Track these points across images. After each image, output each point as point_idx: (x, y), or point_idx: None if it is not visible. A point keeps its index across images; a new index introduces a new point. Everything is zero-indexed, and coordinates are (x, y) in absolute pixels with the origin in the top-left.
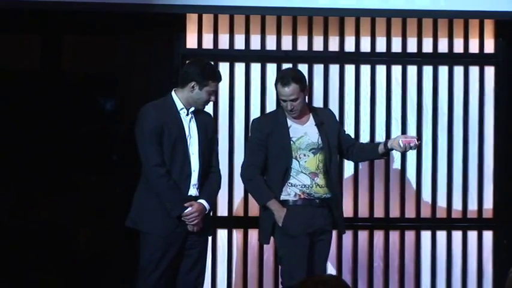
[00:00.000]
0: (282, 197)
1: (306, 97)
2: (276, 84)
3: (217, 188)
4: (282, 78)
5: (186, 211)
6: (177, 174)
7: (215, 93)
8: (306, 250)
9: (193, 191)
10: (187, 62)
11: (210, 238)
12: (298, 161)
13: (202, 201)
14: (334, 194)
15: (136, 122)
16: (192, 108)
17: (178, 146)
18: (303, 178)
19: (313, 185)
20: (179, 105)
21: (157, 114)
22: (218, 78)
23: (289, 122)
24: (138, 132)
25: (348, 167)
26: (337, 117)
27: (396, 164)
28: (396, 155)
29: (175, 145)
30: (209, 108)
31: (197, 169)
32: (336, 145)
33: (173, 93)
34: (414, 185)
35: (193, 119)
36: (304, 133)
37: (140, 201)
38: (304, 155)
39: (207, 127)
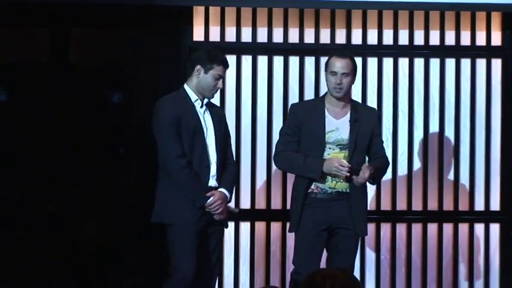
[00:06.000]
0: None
1: (352, 88)
2: (329, 58)
3: (235, 180)
4: (340, 51)
5: (209, 201)
6: (196, 165)
7: (222, 80)
8: (322, 244)
9: (212, 182)
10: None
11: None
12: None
13: (223, 189)
14: (353, 190)
15: (153, 117)
16: (206, 100)
17: (197, 137)
18: None
19: (330, 178)
20: (193, 97)
21: (173, 106)
22: (223, 62)
23: (325, 113)
24: (157, 126)
25: None
26: (377, 116)
27: (403, 157)
28: (403, 149)
29: (194, 136)
30: (216, 101)
31: (215, 160)
32: (365, 146)
33: (185, 85)
34: (421, 178)
35: (207, 111)
36: (336, 128)
37: (165, 194)
38: (330, 148)
39: (221, 119)
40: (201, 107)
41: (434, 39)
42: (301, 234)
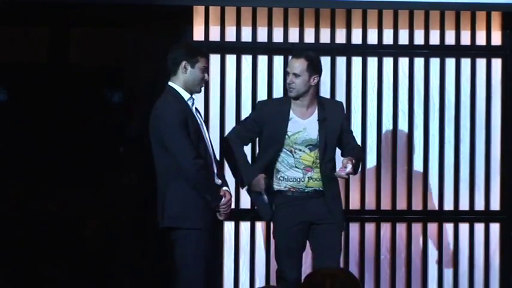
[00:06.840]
0: (275, 187)
1: (313, 87)
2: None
3: None
4: (297, 51)
5: (223, 200)
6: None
7: (207, 70)
8: (299, 242)
9: (217, 180)
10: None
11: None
12: (293, 155)
13: (228, 188)
14: (327, 188)
15: (156, 122)
16: (194, 96)
17: (200, 135)
18: (295, 173)
19: (306, 178)
20: (185, 95)
21: (177, 107)
22: (205, 53)
23: (291, 114)
24: (167, 129)
25: None
26: (344, 110)
27: (403, 156)
28: (402, 148)
29: (198, 135)
30: (215, 101)
31: (213, 158)
32: (335, 142)
33: (172, 84)
34: (421, 177)
35: (196, 109)
36: (303, 128)
37: (180, 198)
38: (300, 150)
39: (202, 117)
40: (192, 105)
41: (434, 39)
42: (281, 232)
